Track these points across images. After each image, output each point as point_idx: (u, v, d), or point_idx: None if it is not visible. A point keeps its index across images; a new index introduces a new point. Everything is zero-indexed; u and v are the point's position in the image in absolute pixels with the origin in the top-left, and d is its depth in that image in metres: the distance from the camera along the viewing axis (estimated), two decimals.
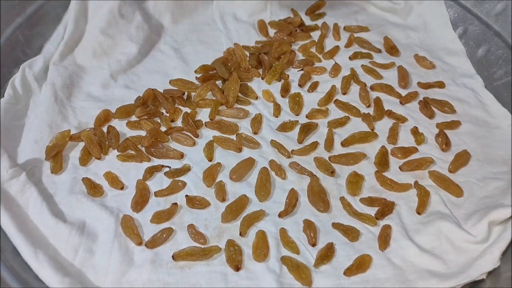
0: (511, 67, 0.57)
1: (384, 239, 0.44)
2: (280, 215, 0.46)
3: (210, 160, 0.51)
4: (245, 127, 0.55)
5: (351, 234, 0.45)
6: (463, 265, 0.43)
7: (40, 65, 0.57)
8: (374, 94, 0.59)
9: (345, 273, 0.42)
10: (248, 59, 0.61)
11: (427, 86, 0.59)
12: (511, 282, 0.40)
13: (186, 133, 0.53)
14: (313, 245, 0.44)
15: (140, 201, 0.46)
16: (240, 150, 0.52)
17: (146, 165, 0.50)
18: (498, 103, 0.57)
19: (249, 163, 0.50)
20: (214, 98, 0.56)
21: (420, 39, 0.66)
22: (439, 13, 0.66)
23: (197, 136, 0.53)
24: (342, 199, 0.48)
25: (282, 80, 0.60)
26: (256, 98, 0.58)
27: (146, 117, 0.54)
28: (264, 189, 0.48)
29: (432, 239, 0.45)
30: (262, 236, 0.44)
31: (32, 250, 0.40)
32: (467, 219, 0.46)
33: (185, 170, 0.50)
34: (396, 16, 0.69)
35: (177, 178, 0.49)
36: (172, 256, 0.43)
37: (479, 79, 0.60)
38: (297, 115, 0.56)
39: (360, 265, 0.43)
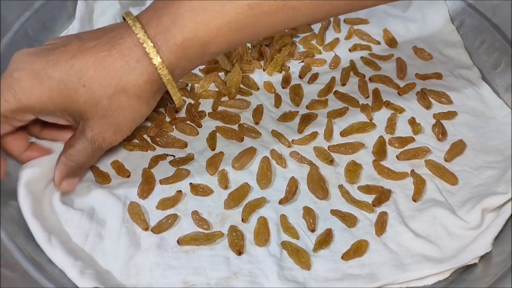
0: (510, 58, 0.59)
1: (381, 225, 0.46)
2: (281, 202, 0.48)
3: (213, 149, 0.52)
4: (246, 117, 0.56)
5: (349, 220, 0.47)
6: (457, 250, 0.44)
7: None
8: (373, 86, 0.60)
9: (342, 257, 0.44)
10: (250, 51, 0.62)
11: (424, 77, 0.61)
12: (502, 266, 0.42)
13: (189, 123, 0.55)
14: (312, 230, 0.46)
15: (146, 189, 0.48)
16: (242, 139, 0.53)
17: (151, 154, 0.52)
18: (494, 94, 0.58)
19: (251, 152, 0.52)
20: (217, 89, 0.58)
21: (418, 31, 0.67)
22: (438, 6, 0.67)
23: (200, 126, 0.54)
24: (341, 187, 0.49)
25: (283, 72, 0.61)
26: (258, 89, 0.59)
27: None
28: (265, 177, 0.50)
29: (427, 225, 0.46)
30: (263, 222, 0.46)
31: (46, 236, 0.42)
32: (461, 206, 0.47)
33: (189, 159, 0.51)
34: (396, 8, 0.70)
35: (181, 167, 0.51)
36: (177, 241, 0.44)
37: (476, 70, 0.61)
38: (298, 105, 0.58)
39: (357, 249, 0.44)
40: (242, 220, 0.46)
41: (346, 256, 0.44)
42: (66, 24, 0.64)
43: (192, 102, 0.57)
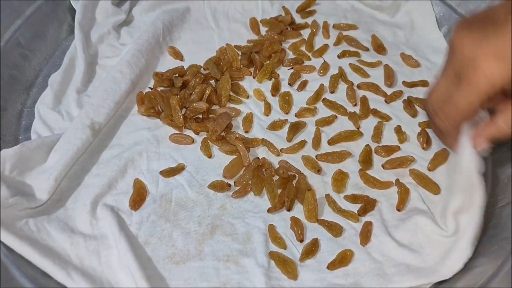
0: None
1: (366, 235, 0.48)
2: (269, 210, 0.49)
3: (210, 157, 0.54)
4: (236, 126, 0.57)
5: (335, 230, 0.48)
6: (438, 258, 0.46)
7: (51, 97, 0.58)
8: (361, 93, 0.61)
9: (328, 267, 0.46)
10: (240, 58, 0.63)
11: (411, 85, 0.62)
12: (481, 276, 0.44)
13: (183, 133, 0.56)
14: (301, 241, 0.47)
15: (137, 200, 0.49)
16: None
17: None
18: None
19: (241, 161, 0.53)
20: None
21: (406, 37, 0.68)
22: (426, 12, 0.68)
23: (197, 133, 0.56)
24: (327, 196, 0.51)
25: (273, 79, 0.62)
26: (248, 97, 0.60)
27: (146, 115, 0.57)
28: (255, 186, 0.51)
29: (410, 235, 0.48)
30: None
31: (65, 274, 0.43)
32: (442, 214, 0.48)
33: (180, 169, 0.52)
34: (384, 14, 0.71)
35: (172, 177, 0.52)
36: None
37: None
38: (287, 113, 0.59)
39: (343, 259, 0.46)
40: None
41: (332, 266, 0.46)
42: (58, 32, 0.65)
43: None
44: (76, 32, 0.63)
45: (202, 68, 0.62)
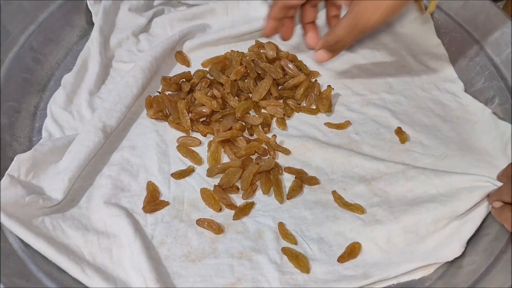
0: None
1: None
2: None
3: (219, 163, 0.55)
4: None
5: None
6: (441, 241, 0.47)
7: (63, 97, 0.60)
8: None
9: (338, 260, 0.47)
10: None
11: None
12: (473, 274, 0.46)
13: (191, 135, 0.58)
14: None
15: (151, 202, 0.51)
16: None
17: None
18: (475, 100, 0.61)
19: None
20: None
21: (406, 43, 0.69)
22: (424, 19, 0.70)
23: (204, 135, 0.57)
24: (334, 192, 0.52)
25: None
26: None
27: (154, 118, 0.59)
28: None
29: (417, 219, 0.48)
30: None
31: (80, 269, 0.45)
32: (451, 197, 0.49)
33: (190, 171, 0.54)
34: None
35: (183, 179, 0.54)
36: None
37: (460, 83, 0.63)
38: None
39: (351, 252, 0.48)
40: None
41: (342, 259, 0.47)
42: (69, 37, 0.66)
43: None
44: (95, 35, 0.64)
45: (208, 74, 0.63)
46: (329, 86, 0.61)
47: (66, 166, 0.51)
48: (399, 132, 0.58)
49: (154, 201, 0.51)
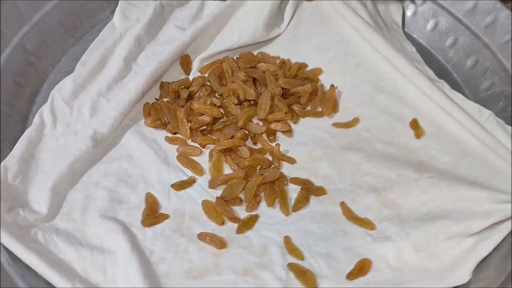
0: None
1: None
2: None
3: (221, 173, 0.52)
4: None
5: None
6: (455, 260, 0.45)
7: (69, 90, 0.57)
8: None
9: (347, 277, 0.45)
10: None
11: None
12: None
13: (191, 144, 0.55)
14: None
15: (150, 215, 0.48)
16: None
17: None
18: (469, 100, 0.58)
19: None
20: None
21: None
22: (396, 29, 0.68)
23: (203, 147, 0.55)
24: (342, 204, 0.50)
25: None
26: None
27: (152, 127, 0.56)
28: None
29: (429, 237, 0.46)
30: None
31: (71, 285, 0.42)
32: (465, 214, 0.47)
33: (191, 182, 0.52)
34: None
35: (183, 190, 0.51)
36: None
37: (444, 83, 0.60)
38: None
39: (361, 268, 0.46)
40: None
41: (351, 276, 0.45)
42: (64, 38, 0.64)
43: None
44: (129, 41, 0.61)
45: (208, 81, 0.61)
46: (332, 86, 0.58)
47: (48, 175, 0.49)
48: (414, 125, 0.56)
49: (153, 214, 0.49)
